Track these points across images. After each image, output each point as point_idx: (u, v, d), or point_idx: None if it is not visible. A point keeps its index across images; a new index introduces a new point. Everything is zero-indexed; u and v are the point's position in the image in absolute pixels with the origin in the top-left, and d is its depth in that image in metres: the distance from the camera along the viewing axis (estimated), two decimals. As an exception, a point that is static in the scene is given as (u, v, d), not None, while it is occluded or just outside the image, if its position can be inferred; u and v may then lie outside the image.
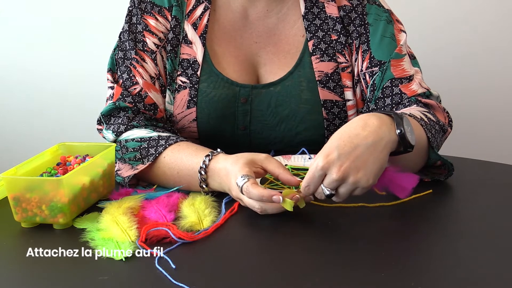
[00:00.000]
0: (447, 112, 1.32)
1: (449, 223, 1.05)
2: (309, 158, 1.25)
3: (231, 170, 1.11)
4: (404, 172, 1.08)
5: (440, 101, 1.36)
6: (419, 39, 1.44)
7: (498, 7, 2.06)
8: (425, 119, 1.21)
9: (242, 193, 1.07)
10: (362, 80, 1.35)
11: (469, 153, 1.42)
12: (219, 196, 1.15)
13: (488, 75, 2.11)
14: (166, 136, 1.25)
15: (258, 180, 1.21)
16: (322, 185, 1.04)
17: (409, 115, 1.19)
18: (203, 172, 1.16)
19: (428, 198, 1.13)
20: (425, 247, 0.96)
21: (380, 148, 1.03)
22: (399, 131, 1.05)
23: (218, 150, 1.18)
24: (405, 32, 1.36)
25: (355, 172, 1.01)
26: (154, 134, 1.26)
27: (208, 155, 1.16)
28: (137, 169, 1.23)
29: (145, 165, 1.22)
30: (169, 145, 1.22)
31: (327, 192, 1.04)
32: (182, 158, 1.20)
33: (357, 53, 1.35)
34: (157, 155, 1.22)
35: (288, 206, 1.04)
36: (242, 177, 1.08)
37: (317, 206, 1.09)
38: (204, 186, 1.17)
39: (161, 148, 1.22)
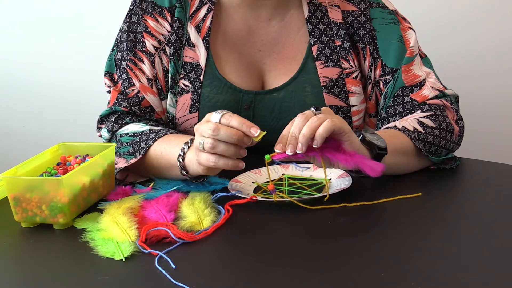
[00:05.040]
0: (456, 110, 1.32)
1: (448, 223, 1.05)
2: (307, 168, 1.25)
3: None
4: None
5: (457, 97, 1.36)
6: (419, 38, 1.44)
7: (500, 6, 2.06)
8: (420, 129, 1.22)
9: (220, 123, 1.07)
10: (376, 88, 1.35)
11: (469, 153, 1.41)
12: (219, 196, 1.15)
13: (488, 75, 2.11)
14: (157, 129, 1.27)
15: (253, 186, 1.21)
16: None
17: (400, 129, 1.22)
18: (181, 160, 1.17)
19: (427, 198, 1.13)
20: (425, 247, 0.96)
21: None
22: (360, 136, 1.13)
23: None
24: (413, 30, 1.36)
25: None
26: (146, 128, 1.28)
27: (187, 142, 1.17)
28: (129, 162, 1.25)
29: (137, 158, 1.24)
30: (158, 138, 1.24)
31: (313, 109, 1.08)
32: (166, 149, 1.22)
33: (372, 58, 1.35)
34: (147, 148, 1.24)
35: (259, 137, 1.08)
36: (217, 112, 1.09)
37: (316, 206, 1.09)
38: (184, 172, 1.18)
39: (151, 141, 1.24)
